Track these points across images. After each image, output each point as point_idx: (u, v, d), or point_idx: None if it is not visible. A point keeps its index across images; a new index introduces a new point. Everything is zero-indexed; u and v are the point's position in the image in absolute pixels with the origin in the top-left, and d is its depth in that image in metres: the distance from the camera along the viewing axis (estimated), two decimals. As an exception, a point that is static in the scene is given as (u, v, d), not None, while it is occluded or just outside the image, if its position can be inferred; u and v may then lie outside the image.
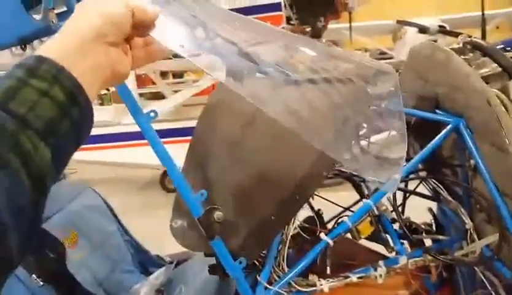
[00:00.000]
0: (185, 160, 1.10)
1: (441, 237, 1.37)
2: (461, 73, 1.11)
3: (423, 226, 1.47)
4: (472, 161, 1.13)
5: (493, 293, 1.14)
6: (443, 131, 1.14)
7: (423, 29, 4.36)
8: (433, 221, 1.51)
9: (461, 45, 1.26)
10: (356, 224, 1.02)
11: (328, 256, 0.99)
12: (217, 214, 0.92)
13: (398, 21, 5.00)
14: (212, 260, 1.13)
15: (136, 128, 0.93)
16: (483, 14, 3.96)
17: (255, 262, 1.02)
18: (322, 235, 1.01)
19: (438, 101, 1.27)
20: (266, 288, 0.95)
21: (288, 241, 1.05)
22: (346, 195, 1.44)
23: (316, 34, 4.50)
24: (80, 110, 0.44)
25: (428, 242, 1.45)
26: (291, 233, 1.07)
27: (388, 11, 5.70)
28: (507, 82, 1.26)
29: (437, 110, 1.27)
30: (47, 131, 0.41)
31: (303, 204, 1.02)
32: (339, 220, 1.12)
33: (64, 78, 0.43)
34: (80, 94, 0.45)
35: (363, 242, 1.33)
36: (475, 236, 1.18)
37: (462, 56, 1.34)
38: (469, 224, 1.19)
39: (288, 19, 4.38)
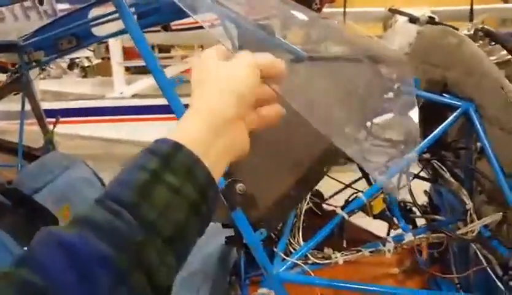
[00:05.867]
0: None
1: (437, 217, 1.42)
2: (475, 57, 1.14)
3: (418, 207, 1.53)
4: (478, 144, 1.17)
5: (488, 269, 1.20)
6: (453, 115, 1.18)
7: (413, 19, 4.42)
8: (428, 203, 1.57)
9: (472, 32, 1.29)
10: (371, 200, 1.05)
11: (345, 230, 1.01)
12: (239, 186, 0.92)
13: (390, 10, 5.04)
14: (226, 232, 1.14)
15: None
16: (472, 8, 4.10)
17: (271, 235, 1.04)
18: (338, 210, 1.03)
19: (446, 85, 1.30)
20: (283, 259, 0.97)
21: (302, 215, 1.07)
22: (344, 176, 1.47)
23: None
24: (208, 206, 0.42)
25: (421, 222, 1.51)
26: (304, 208, 1.09)
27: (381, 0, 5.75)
28: (512, 70, 1.31)
29: (444, 95, 1.31)
30: (175, 237, 0.40)
31: (321, 180, 1.04)
32: (354, 196, 1.14)
33: (198, 173, 0.41)
34: (212, 189, 0.42)
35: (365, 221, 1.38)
36: (474, 217, 1.23)
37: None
38: (469, 204, 1.24)
39: (282, 0, 4.33)
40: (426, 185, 1.65)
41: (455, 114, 1.18)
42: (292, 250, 1.01)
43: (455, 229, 1.31)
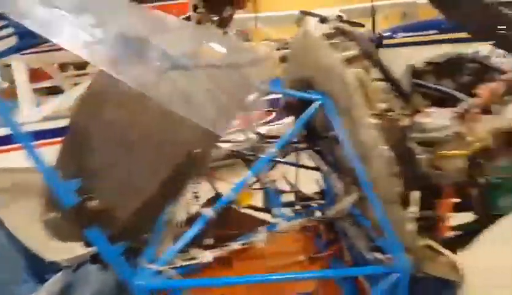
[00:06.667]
0: (60, 152, 1.08)
1: (321, 201, 1.52)
2: (324, 56, 1.25)
3: (311, 195, 1.64)
4: (336, 133, 1.27)
5: (357, 243, 1.30)
6: (311, 107, 1.27)
7: (323, 19, 4.66)
8: (320, 190, 1.68)
9: (333, 30, 1.40)
10: (238, 194, 1.10)
11: (211, 228, 1.05)
12: (93, 203, 0.92)
13: (302, 12, 5.25)
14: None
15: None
16: (373, 5, 4.46)
17: (140, 245, 1.05)
18: (203, 210, 1.06)
19: (310, 82, 1.40)
20: (147, 268, 0.98)
21: (174, 222, 1.09)
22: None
23: (223, 23, 4.52)
24: None
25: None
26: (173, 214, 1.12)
27: (294, 2, 6.01)
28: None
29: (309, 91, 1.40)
30: None
31: (188, 183, 1.07)
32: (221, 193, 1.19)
33: None
34: None
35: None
36: (343, 197, 1.32)
37: (333, 40, 1.48)
38: (338, 186, 1.34)
39: (195, 8, 4.35)
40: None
41: (312, 107, 1.27)
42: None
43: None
